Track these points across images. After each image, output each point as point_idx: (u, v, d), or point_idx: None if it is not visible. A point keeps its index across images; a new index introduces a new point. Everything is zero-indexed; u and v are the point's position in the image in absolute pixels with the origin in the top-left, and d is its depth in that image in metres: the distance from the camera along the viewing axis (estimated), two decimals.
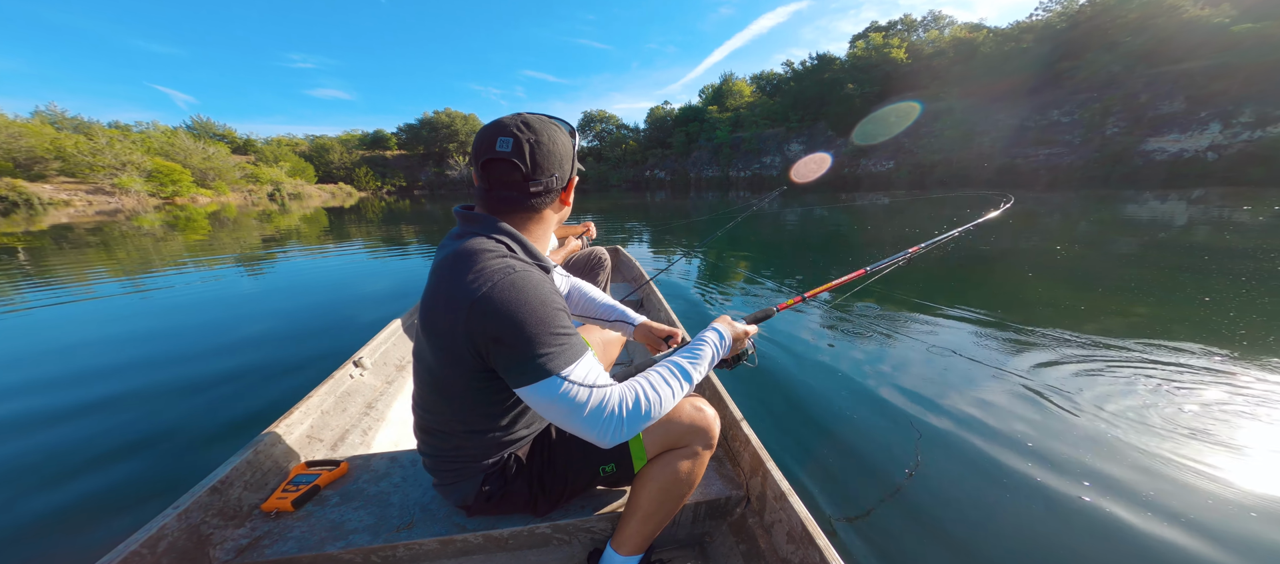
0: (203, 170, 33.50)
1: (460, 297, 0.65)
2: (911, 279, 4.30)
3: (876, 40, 36.84)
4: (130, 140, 31.32)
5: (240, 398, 2.26)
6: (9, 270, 5.99)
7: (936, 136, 28.86)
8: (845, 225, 9.54)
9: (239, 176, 36.78)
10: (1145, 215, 9.07)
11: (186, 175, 30.01)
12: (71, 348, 3.06)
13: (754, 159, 39.01)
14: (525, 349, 0.65)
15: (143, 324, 3.60)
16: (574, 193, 0.83)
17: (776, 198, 20.37)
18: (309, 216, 17.13)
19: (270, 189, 36.57)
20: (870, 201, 15.57)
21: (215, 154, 35.26)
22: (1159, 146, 21.81)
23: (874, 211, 12.14)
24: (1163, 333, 2.74)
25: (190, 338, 3.21)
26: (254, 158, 44.24)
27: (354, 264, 6.52)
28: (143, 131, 36.30)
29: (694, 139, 43.64)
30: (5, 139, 25.79)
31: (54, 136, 26.96)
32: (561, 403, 0.66)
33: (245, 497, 0.98)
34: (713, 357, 0.87)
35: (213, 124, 48.79)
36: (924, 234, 2.62)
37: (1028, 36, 28.85)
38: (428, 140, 57.11)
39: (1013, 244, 6.16)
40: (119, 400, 2.26)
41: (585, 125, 56.02)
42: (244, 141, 49.75)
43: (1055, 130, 25.37)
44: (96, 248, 8.24)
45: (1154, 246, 5.75)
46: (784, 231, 8.92)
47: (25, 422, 2.07)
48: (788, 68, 41.55)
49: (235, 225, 13.24)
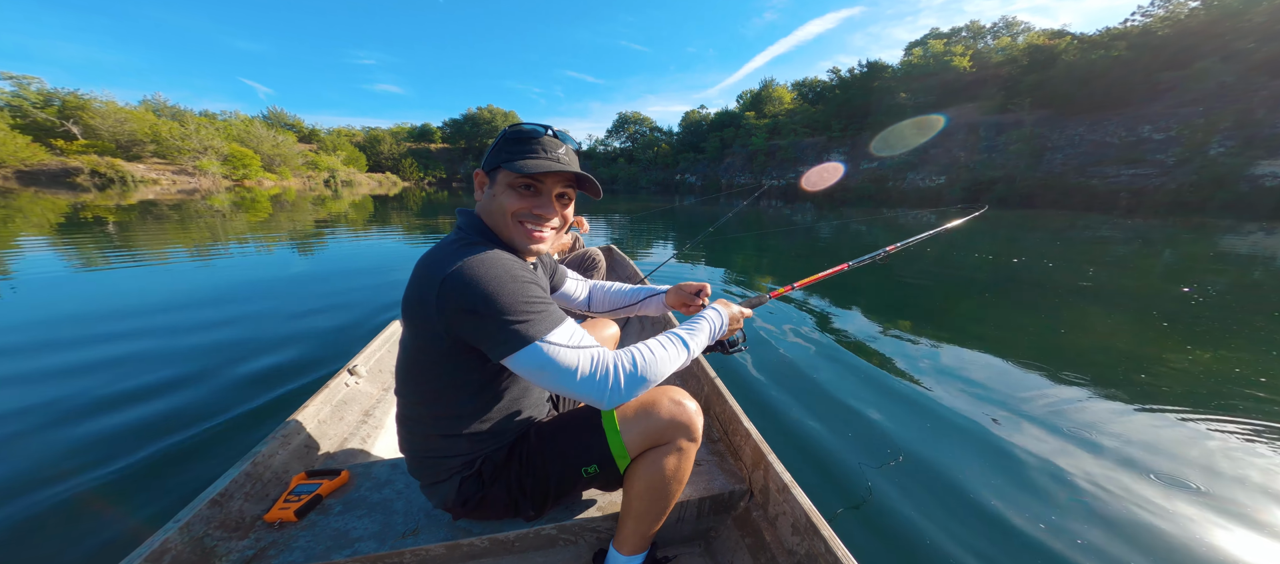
0: (271, 156, 36.70)
1: (432, 276, 0.70)
2: (945, 302, 4.15)
3: (937, 48, 34.37)
4: (214, 127, 34.86)
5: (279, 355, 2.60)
6: (97, 238, 6.82)
7: (999, 151, 26.35)
8: (884, 241, 8.72)
9: (301, 163, 39.99)
10: (1243, 248, 7.72)
11: (256, 160, 32.96)
12: (143, 308, 3.55)
13: (790, 167, 37.49)
14: (500, 317, 0.68)
15: (200, 292, 4.07)
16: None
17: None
18: (357, 202, 18.40)
19: (326, 175, 39.44)
20: (914, 218, 14.37)
21: (283, 142, 38.55)
22: (1271, 170, 18.57)
23: (918, 229, 11.09)
24: (1225, 387, 2.38)
25: (241, 303, 3.67)
26: (316, 146, 48.04)
27: (392, 249, 6.97)
28: (226, 120, 40.17)
29: (728, 144, 42.76)
30: (113, 124, 29.51)
31: (153, 123, 30.47)
32: (550, 367, 0.69)
33: (247, 508, 0.98)
34: (711, 330, 0.91)
35: (284, 114, 53.53)
36: (971, 260, 3.08)
37: (1120, 44, 25.65)
38: (469, 135, 59.58)
39: (1071, 272, 5.25)
40: (168, 351, 2.66)
41: (619, 126, 56.11)
42: (310, 131, 54.01)
43: (1145, 148, 22.33)
44: (174, 223, 9.13)
45: (1247, 287, 4.76)
46: (815, 244, 8.27)
47: (97, 364, 2.46)
48: (833, 75, 39.98)
49: (293, 208, 14.34)
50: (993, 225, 12.09)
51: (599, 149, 55.91)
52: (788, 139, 38.38)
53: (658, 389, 0.85)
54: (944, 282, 5.19)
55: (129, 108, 32.06)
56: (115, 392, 2.15)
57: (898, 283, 5.05)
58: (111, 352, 2.63)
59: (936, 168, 29.07)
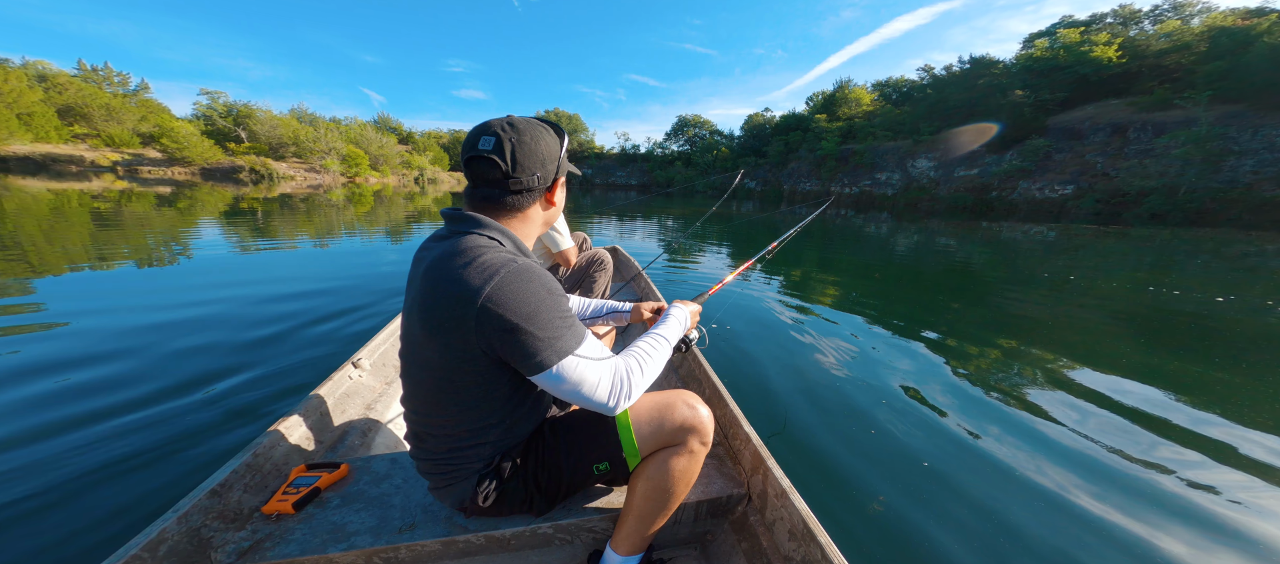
0: (376, 156, 42.36)
1: (467, 293, 0.66)
2: (1064, 334, 3.38)
3: (1070, 37, 28.63)
4: (338, 131, 41.23)
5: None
6: (251, 223, 8.40)
7: (1156, 156, 21.06)
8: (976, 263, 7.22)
9: (398, 162, 45.66)
10: None
11: (365, 160, 38.29)
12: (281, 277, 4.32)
13: (865, 174, 33.81)
14: (541, 336, 0.68)
15: (316, 268, 4.82)
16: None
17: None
18: (439, 198, 20.77)
19: (417, 173, 44.53)
20: (1025, 233, 11.88)
21: (386, 144, 44.36)
22: None
23: (1028, 248, 9.09)
24: None
25: (346, 281, 4.20)
26: (410, 147, 54.48)
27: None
28: (346, 124, 47.35)
29: (793, 149, 39.93)
30: (268, 129, 36.19)
31: (295, 128, 36.86)
32: (577, 381, 0.71)
33: (245, 499, 0.98)
34: (677, 328, 0.97)
35: (390, 119, 61.56)
36: (1108, 290, 3.01)
37: None
38: None
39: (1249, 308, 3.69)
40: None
41: (678, 129, 55.11)
42: (408, 134, 61.50)
43: None
44: (302, 213, 10.81)
45: None
46: (888, 258, 7.07)
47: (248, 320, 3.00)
48: (924, 73, 35.39)
49: (389, 202, 16.57)
50: (1135, 245, 9.57)
51: (656, 151, 55.57)
52: (865, 143, 34.83)
53: (672, 392, 0.88)
54: (1065, 314, 4.00)
55: (280, 116, 39.16)
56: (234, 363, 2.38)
57: (999, 309, 4.09)
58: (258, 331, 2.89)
59: (1062, 175, 24.06)
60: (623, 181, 53.52)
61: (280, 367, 2.33)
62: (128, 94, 35.39)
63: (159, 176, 25.46)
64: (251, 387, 2.12)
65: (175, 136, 29.58)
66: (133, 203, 10.79)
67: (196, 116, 37.68)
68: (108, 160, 27.15)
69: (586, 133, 60.47)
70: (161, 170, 28.28)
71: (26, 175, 19.39)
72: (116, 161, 27.53)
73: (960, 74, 32.00)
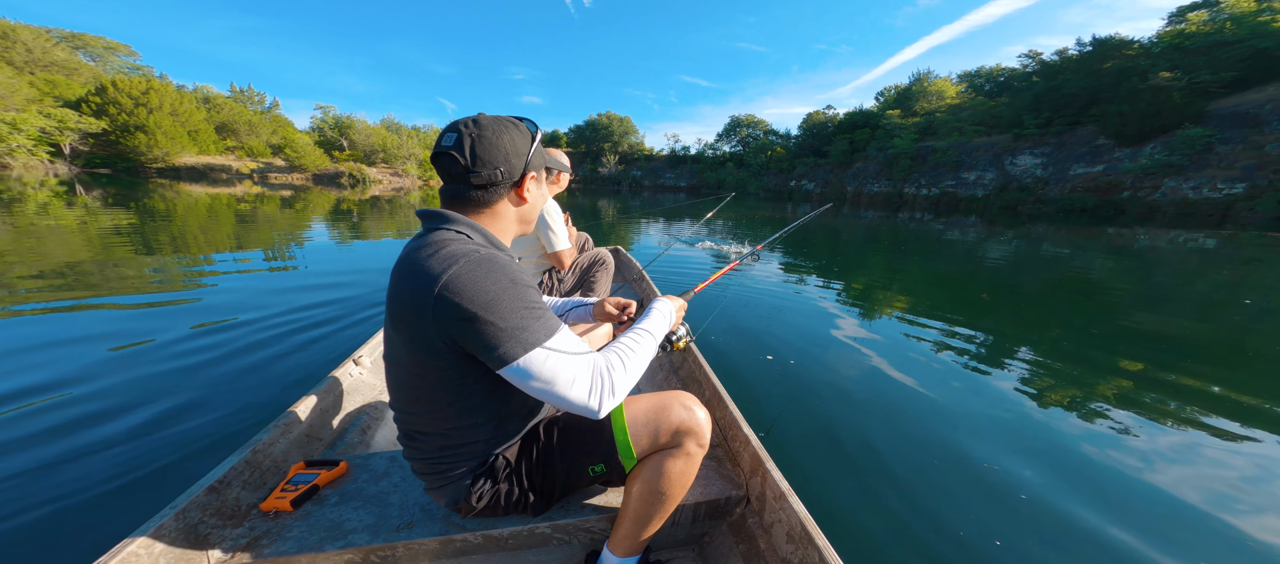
0: None
1: (424, 283, 0.65)
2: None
3: (1241, 6, 23.04)
4: (417, 138, 45.94)
5: None
6: (350, 220, 9.57)
7: None
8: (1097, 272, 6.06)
9: None
10: None
11: None
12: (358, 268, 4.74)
13: (947, 173, 30.01)
14: (501, 325, 0.65)
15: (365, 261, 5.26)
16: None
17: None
18: None
19: None
20: (1170, 240, 9.75)
21: None
22: None
23: (1177, 257, 7.41)
24: None
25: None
26: None
27: None
28: (424, 131, 52.49)
29: (860, 147, 36.44)
30: (363, 138, 41.28)
31: (384, 136, 41.69)
32: (548, 377, 0.67)
33: (243, 496, 0.98)
34: (662, 322, 0.92)
35: None
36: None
37: None
38: (589, 139, 64.47)
39: None
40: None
41: (730, 130, 53.28)
42: None
43: None
44: (387, 212, 12.19)
45: None
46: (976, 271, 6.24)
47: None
48: (1030, 59, 30.38)
49: None
50: None
51: (707, 152, 54.29)
52: (947, 139, 31.02)
53: (669, 394, 0.87)
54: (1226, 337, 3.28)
55: (373, 125, 44.55)
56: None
57: (1110, 324, 3.46)
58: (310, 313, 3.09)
59: (1228, 171, 19.39)
60: (671, 184, 53.18)
61: (293, 363, 2.28)
62: (264, 111, 42.57)
63: (282, 182, 30.10)
64: (259, 381, 2.06)
65: (296, 147, 34.97)
66: (264, 205, 12.84)
67: (312, 129, 44.15)
68: (247, 168, 32.84)
69: (636, 135, 60.99)
70: (284, 176, 33.52)
71: (192, 182, 23.99)
72: (253, 169, 33.18)
73: (1079, 58, 27.17)
